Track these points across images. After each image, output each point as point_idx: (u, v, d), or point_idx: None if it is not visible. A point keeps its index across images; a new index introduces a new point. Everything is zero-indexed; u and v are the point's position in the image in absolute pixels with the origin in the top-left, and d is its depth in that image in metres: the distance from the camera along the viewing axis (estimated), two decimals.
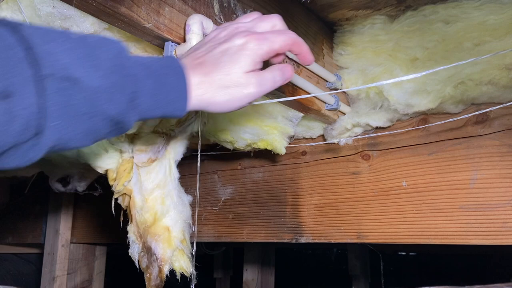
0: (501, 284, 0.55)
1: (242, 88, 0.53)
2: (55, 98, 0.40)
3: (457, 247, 0.92)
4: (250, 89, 0.54)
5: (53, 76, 0.39)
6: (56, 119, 0.40)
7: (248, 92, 0.54)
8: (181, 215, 0.87)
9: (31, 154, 0.41)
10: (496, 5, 0.77)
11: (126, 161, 0.79)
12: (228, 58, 0.53)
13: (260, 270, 2.35)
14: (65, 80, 0.40)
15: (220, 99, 0.53)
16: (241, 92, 0.53)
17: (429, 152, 0.90)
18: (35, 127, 0.39)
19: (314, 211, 1.04)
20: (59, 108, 0.40)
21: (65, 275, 1.61)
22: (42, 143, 0.40)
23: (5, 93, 0.36)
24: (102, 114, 0.44)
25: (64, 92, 0.40)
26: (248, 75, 0.53)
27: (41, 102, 0.39)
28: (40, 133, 0.40)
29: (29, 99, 0.38)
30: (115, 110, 0.44)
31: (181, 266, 0.84)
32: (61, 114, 0.41)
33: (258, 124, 0.95)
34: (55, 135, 0.41)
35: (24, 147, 0.40)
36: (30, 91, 0.38)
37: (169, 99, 0.49)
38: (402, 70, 0.86)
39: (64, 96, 0.40)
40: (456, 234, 0.84)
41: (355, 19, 0.88)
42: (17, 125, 0.37)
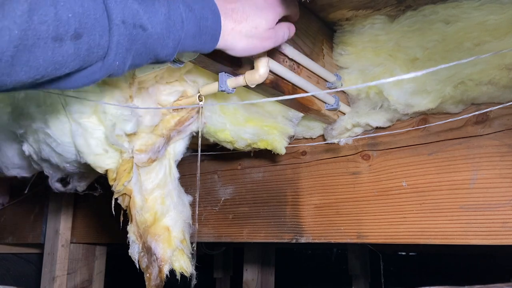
0: (501, 284, 0.55)
1: (262, 41, 0.62)
2: (122, 41, 0.47)
3: (457, 247, 0.92)
4: (268, 42, 0.63)
5: (123, 21, 0.46)
6: (118, 59, 0.48)
7: (265, 45, 0.63)
8: (181, 215, 0.88)
9: (96, 76, 0.48)
10: (496, 5, 0.77)
11: (126, 161, 0.79)
12: (259, 12, 0.61)
13: (260, 270, 2.35)
14: (133, 27, 0.47)
15: (242, 46, 0.61)
16: (260, 44, 0.62)
17: (429, 152, 0.90)
18: (101, 61, 0.47)
19: (314, 211, 1.04)
20: (123, 49, 0.47)
21: (65, 275, 1.61)
22: (102, 70, 0.48)
23: (77, 34, 0.43)
24: (155, 56, 0.52)
25: (130, 36, 0.47)
26: (269, 30, 0.62)
27: (109, 41, 0.46)
28: (103, 63, 0.47)
29: (100, 39, 0.45)
30: (164, 53, 0.53)
31: (181, 266, 0.84)
32: (123, 54, 0.48)
33: (258, 124, 0.95)
34: (108, 72, 0.49)
35: (90, 69, 0.47)
36: (103, 32, 0.45)
37: (203, 40, 0.56)
38: (402, 70, 0.86)
39: (129, 40, 0.47)
40: (456, 234, 0.84)
41: (355, 19, 0.88)
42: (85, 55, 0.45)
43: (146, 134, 0.83)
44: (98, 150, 0.77)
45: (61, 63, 0.43)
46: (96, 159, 0.78)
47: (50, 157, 0.82)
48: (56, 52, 0.42)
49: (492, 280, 0.59)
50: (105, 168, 0.79)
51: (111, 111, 0.74)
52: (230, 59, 0.72)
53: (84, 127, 0.75)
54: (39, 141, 0.80)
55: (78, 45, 0.43)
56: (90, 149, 0.76)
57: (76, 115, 0.74)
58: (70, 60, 0.44)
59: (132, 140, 0.81)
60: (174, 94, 0.85)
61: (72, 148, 0.78)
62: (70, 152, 0.79)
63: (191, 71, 0.84)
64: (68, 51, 0.43)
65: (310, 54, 0.88)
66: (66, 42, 0.42)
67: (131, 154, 0.79)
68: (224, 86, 0.74)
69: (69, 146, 0.78)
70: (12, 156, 1.00)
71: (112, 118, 0.74)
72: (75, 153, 0.79)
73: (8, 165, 1.02)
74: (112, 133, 0.74)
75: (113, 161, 0.79)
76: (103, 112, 0.74)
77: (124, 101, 0.76)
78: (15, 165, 1.02)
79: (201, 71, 0.84)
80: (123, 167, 0.79)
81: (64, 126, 0.75)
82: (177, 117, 0.87)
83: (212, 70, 0.74)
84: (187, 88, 0.86)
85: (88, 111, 0.75)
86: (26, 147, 0.85)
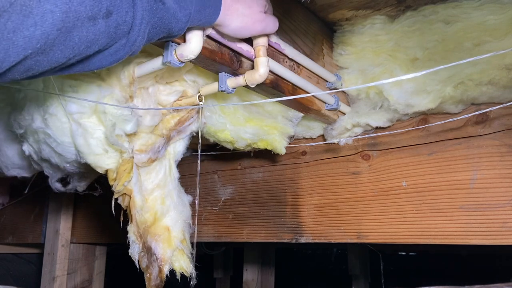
0: (501, 284, 0.55)
1: (253, 22, 0.64)
2: (145, 15, 0.49)
3: (457, 247, 0.92)
4: (258, 25, 0.65)
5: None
6: (140, 34, 0.50)
7: (256, 27, 0.65)
8: (181, 215, 0.87)
9: (120, 54, 0.50)
10: (496, 5, 0.77)
11: (126, 161, 0.79)
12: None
13: (260, 270, 2.35)
14: (154, 1, 0.50)
15: (236, 24, 0.63)
16: (252, 24, 0.65)
17: (429, 152, 0.90)
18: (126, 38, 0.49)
19: (314, 211, 1.04)
20: (145, 23, 0.49)
21: (65, 275, 1.61)
22: (126, 47, 0.50)
23: (108, 12, 0.45)
24: (168, 30, 0.54)
25: (151, 11, 0.50)
26: (260, 13, 0.65)
27: (133, 17, 0.48)
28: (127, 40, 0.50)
29: (126, 15, 0.47)
30: (177, 28, 0.55)
31: (181, 266, 0.84)
32: (144, 28, 0.50)
33: (258, 124, 0.95)
34: (131, 48, 0.51)
35: (115, 47, 0.49)
36: (129, 8, 0.47)
37: (208, 13, 0.59)
38: (402, 70, 0.86)
39: (150, 14, 0.50)
40: (456, 234, 0.84)
41: (355, 19, 0.88)
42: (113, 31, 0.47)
43: (146, 134, 0.83)
44: (98, 150, 0.77)
45: (93, 41, 0.45)
46: (96, 159, 0.78)
47: (50, 157, 0.82)
48: (90, 31, 0.43)
49: (492, 280, 0.59)
50: (105, 168, 0.79)
51: (111, 111, 0.74)
52: (230, 58, 0.72)
53: (84, 127, 0.75)
54: (39, 141, 0.80)
55: (108, 23, 0.45)
56: (90, 149, 0.76)
57: (76, 115, 0.74)
58: (101, 37, 0.45)
59: (132, 140, 0.81)
60: (174, 94, 0.85)
61: (72, 148, 0.78)
62: (70, 152, 0.79)
63: (191, 71, 0.84)
64: (100, 29, 0.44)
65: (310, 54, 0.88)
66: (99, 20, 0.44)
67: (131, 154, 0.79)
68: (224, 86, 0.74)
69: (69, 146, 0.78)
70: (12, 156, 1.00)
71: (112, 118, 0.74)
72: (75, 153, 0.79)
73: (8, 165, 1.02)
74: (112, 133, 0.74)
75: (113, 161, 0.79)
76: (103, 112, 0.74)
77: (124, 101, 0.76)
78: (15, 165, 1.02)
79: (201, 71, 0.84)
80: (123, 167, 0.79)
81: (64, 126, 0.75)
82: (177, 117, 0.87)
83: (212, 70, 0.74)
84: (187, 88, 0.86)
85: (88, 111, 0.75)
86: (26, 147, 0.85)
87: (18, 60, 0.39)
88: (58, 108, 0.74)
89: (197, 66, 0.76)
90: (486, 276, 2.29)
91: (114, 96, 0.74)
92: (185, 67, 0.82)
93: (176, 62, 0.65)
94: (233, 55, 0.72)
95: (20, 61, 0.39)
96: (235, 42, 0.70)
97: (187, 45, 0.62)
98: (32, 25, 0.38)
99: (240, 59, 0.73)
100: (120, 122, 0.75)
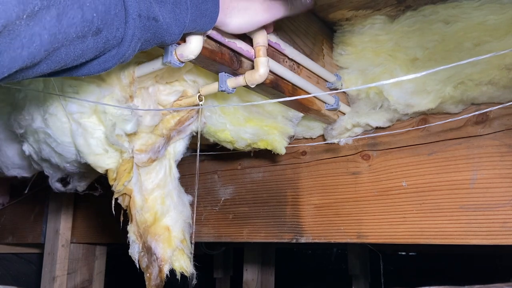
0: (501, 284, 0.55)
1: (256, 14, 0.62)
2: (136, 32, 0.49)
3: (457, 247, 0.92)
4: (264, 15, 0.63)
5: (139, 15, 0.48)
6: (131, 48, 0.50)
7: (263, 19, 0.63)
8: (181, 215, 0.87)
9: (109, 64, 0.50)
10: (496, 5, 0.77)
11: (126, 161, 0.79)
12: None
13: (260, 270, 2.35)
14: (147, 19, 0.50)
15: (238, 22, 0.62)
16: (256, 17, 0.63)
17: (429, 152, 0.90)
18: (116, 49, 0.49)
19: (314, 211, 1.04)
20: (136, 39, 0.49)
21: (65, 275, 1.61)
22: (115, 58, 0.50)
23: (98, 30, 0.45)
24: (161, 42, 0.54)
25: (143, 28, 0.49)
26: (264, 2, 0.63)
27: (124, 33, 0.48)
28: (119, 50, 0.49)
29: (116, 31, 0.47)
30: (170, 39, 0.55)
31: (181, 266, 0.84)
32: (135, 43, 0.50)
33: (258, 124, 0.95)
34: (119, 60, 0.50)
35: (103, 58, 0.49)
36: (120, 25, 0.47)
37: (203, 22, 0.58)
38: (402, 70, 0.86)
39: (142, 31, 0.50)
40: (456, 234, 0.84)
41: (355, 19, 0.88)
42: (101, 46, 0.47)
43: (146, 134, 0.83)
44: (98, 150, 0.77)
45: (81, 55, 0.45)
46: (96, 159, 0.78)
47: (50, 157, 0.82)
48: (77, 48, 0.44)
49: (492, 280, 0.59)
50: (105, 168, 0.79)
51: (111, 111, 0.74)
52: (230, 58, 0.72)
53: (84, 127, 0.75)
54: (39, 141, 0.80)
55: (97, 39, 0.45)
56: (90, 149, 0.76)
57: (76, 115, 0.74)
58: (89, 52, 0.46)
59: (132, 140, 0.81)
60: (174, 94, 0.85)
61: (72, 148, 0.78)
62: (70, 152, 0.79)
63: (191, 71, 0.84)
64: (88, 45, 0.45)
65: (310, 54, 0.88)
66: (88, 38, 0.44)
67: (131, 154, 0.79)
68: (224, 86, 0.74)
69: (69, 146, 0.78)
70: (12, 156, 1.00)
71: (112, 118, 0.74)
72: (75, 153, 0.79)
73: (8, 165, 1.03)
74: (112, 133, 0.74)
75: (113, 161, 0.79)
76: (103, 112, 0.74)
77: (124, 101, 0.76)
78: (15, 165, 1.02)
79: (201, 71, 0.84)
80: (123, 167, 0.79)
81: (64, 126, 0.75)
82: (177, 117, 0.87)
83: (212, 70, 0.74)
84: (187, 88, 0.86)
85: (88, 111, 0.75)
86: (26, 147, 0.85)
87: (3, 76, 0.39)
88: (58, 108, 0.74)
89: (197, 66, 0.76)
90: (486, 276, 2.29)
91: (114, 96, 0.74)
92: (185, 67, 0.82)
93: (176, 62, 0.65)
94: (233, 55, 0.72)
95: (5, 76, 0.40)
96: (235, 42, 0.70)
97: (187, 45, 0.62)
98: (19, 47, 0.38)
99: (240, 59, 0.74)
100: (120, 122, 0.75)
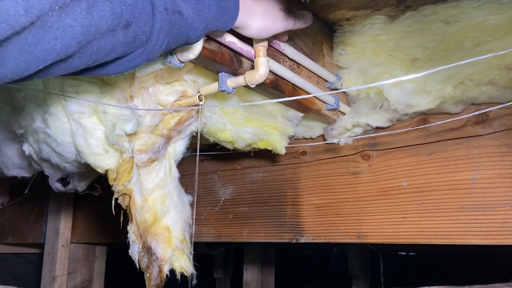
0: (501, 284, 0.55)
1: (274, 21, 0.65)
2: (163, 26, 0.50)
3: (457, 247, 0.92)
4: (281, 24, 0.66)
5: (165, 8, 0.50)
6: (158, 43, 0.51)
7: (277, 26, 0.66)
8: (181, 215, 0.87)
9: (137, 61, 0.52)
10: (496, 5, 0.77)
11: (126, 161, 0.79)
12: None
13: (260, 270, 2.35)
14: (172, 13, 0.51)
15: (257, 25, 0.64)
16: (273, 24, 0.65)
17: (429, 152, 0.90)
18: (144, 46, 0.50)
19: (314, 211, 1.04)
20: (163, 34, 0.51)
21: (65, 275, 1.61)
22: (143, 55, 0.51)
23: (127, 23, 0.46)
24: (187, 38, 0.56)
25: (169, 22, 0.51)
26: (281, 11, 0.66)
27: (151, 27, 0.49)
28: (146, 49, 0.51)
29: (144, 26, 0.48)
30: (195, 35, 0.56)
31: (181, 266, 0.84)
32: (162, 38, 0.51)
33: (258, 124, 0.95)
34: (148, 57, 0.52)
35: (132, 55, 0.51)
36: (148, 19, 0.48)
37: (224, 20, 0.59)
38: (402, 70, 0.86)
39: (169, 25, 0.51)
40: (456, 234, 0.84)
41: (355, 19, 0.88)
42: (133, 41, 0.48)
43: (146, 134, 0.83)
44: (98, 150, 0.77)
45: (111, 50, 0.47)
46: (96, 159, 0.78)
47: (50, 157, 0.82)
48: (108, 41, 0.45)
49: (492, 280, 0.59)
50: (105, 168, 0.79)
51: (111, 111, 0.74)
52: (230, 58, 0.72)
53: (84, 127, 0.75)
54: (39, 141, 0.80)
55: (127, 33, 0.47)
56: (90, 149, 0.76)
57: (76, 115, 0.74)
58: (119, 47, 0.47)
59: (132, 140, 0.81)
60: (174, 94, 0.85)
61: (72, 148, 0.78)
62: (70, 152, 0.79)
63: (191, 71, 0.84)
64: (119, 39, 0.46)
65: (310, 54, 0.88)
66: (118, 31, 0.46)
67: (131, 154, 0.79)
68: (224, 86, 0.74)
69: (69, 146, 0.78)
70: (12, 156, 1.00)
71: (112, 118, 0.74)
72: (75, 153, 0.79)
73: (8, 165, 1.02)
74: (112, 133, 0.74)
75: (113, 161, 0.79)
76: (103, 112, 0.74)
77: (124, 101, 0.76)
78: (15, 165, 1.02)
79: (201, 71, 0.84)
80: (123, 167, 0.79)
81: (64, 126, 0.75)
82: (177, 117, 0.87)
83: (212, 70, 0.74)
84: (187, 88, 0.86)
85: (88, 111, 0.75)
86: (26, 147, 0.85)
87: (38, 69, 0.41)
88: (58, 108, 0.74)
89: (197, 66, 0.76)
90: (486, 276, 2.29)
91: (114, 96, 0.74)
92: (185, 67, 0.82)
93: (176, 62, 0.65)
94: (233, 55, 0.72)
95: (40, 69, 0.42)
96: (235, 42, 0.70)
97: (187, 45, 0.62)
98: (53, 39, 0.39)
99: (240, 59, 0.73)
100: (120, 122, 0.75)
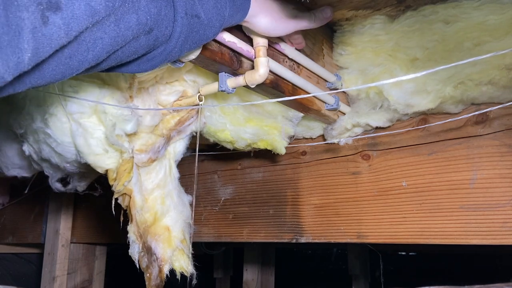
0: (501, 284, 0.55)
1: (284, 19, 0.66)
2: (183, 30, 0.53)
3: (457, 247, 0.92)
4: (290, 22, 0.67)
5: (186, 13, 0.52)
6: (177, 45, 0.54)
7: (286, 26, 0.67)
8: (181, 215, 0.87)
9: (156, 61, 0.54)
10: (496, 5, 0.77)
11: (126, 161, 0.79)
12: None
13: (260, 270, 2.35)
14: (192, 17, 0.53)
15: (266, 22, 0.65)
16: (283, 22, 0.66)
17: (429, 152, 0.90)
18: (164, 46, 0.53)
19: (314, 211, 1.04)
20: (183, 37, 0.53)
21: (65, 275, 1.61)
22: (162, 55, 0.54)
23: (150, 29, 0.49)
24: (205, 38, 0.58)
25: (189, 26, 0.53)
26: (293, 10, 0.68)
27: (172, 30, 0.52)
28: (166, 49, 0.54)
29: (165, 29, 0.51)
30: (211, 34, 0.58)
31: (181, 266, 0.84)
32: (182, 41, 0.54)
33: (258, 124, 0.95)
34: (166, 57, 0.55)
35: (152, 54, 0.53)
36: (169, 23, 0.51)
37: (238, 17, 0.61)
38: (402, 70, 0.86)
39: (188, 29, 0.53)
40: (456, 234, 0.84)
41: (355, 19, 0.88)
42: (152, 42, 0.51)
43: (146, 134, 0.83)
44: (98, 150, 0.77)
45: (134, 52, 0.50)
46: (96, 159, 0.78)
47: (50, 157, 0.82)
48: (132, 46, 0.49)
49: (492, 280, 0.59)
50: (105, 168, 0.79)
51: (111, 111, 0.74)
52: (230, 58, 0.72)
53: (84, 127, 0.75)
54: (39, 141, 0.80)
55: (148, 37, 0.50)
56: (90, 149, 0.76)
57: (76, 115, 0.74)
58: (141, 49, 0.51)
59: (132, 140, 0.81)
60: (174, 94, 0.85)
61: (72, 148, 0.78)
62: (70, 152, 0.79)
63: (191, 71, 0.84)
64: (141, 43, 0.50)
65: (310, 54, 0.88)
66: (141, 37, 0.49)
67: (131, 154, 0.79)
68: (224, 86, 0.74)
69: (69, 146, 0.78)
70: (12, 156, 1.00)
71: (112, 118, 0.74)
72: (75, 153, 0.79)
73: (8, 165, 1.03)
74: (112, 133, 0.74)
75: (113, 161, 0.79)
76: (103, 112, 0.74)
77: (124, 101, 0.76)
78: (15, 165, 1.02)
79: (201, 71, 0.84)
80: (123, 167, 0.79)
81: (64, 126, 0.75)
82: (177, 117, 0.87)
83: (212, 70, 0.74)
84: (187, 88, 0.86)
85: (88, 111, 0.75)
86: (26, 147, 0.85)
87: (71, 76, 0.45)
88: (58, 108, 0.74)
89: (197, 66, 0.76)
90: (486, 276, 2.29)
91: (114, 96, 0.74)
92: (185, 67, 0.82)
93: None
94: (233, 55, 0.72)
95: (73, 75, 0.46)
96: (235, 42, 0.70)
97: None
98: (85, 51, 0.44)
99: (240, 59, 0.74)
100: (120, 122, 0.75)
